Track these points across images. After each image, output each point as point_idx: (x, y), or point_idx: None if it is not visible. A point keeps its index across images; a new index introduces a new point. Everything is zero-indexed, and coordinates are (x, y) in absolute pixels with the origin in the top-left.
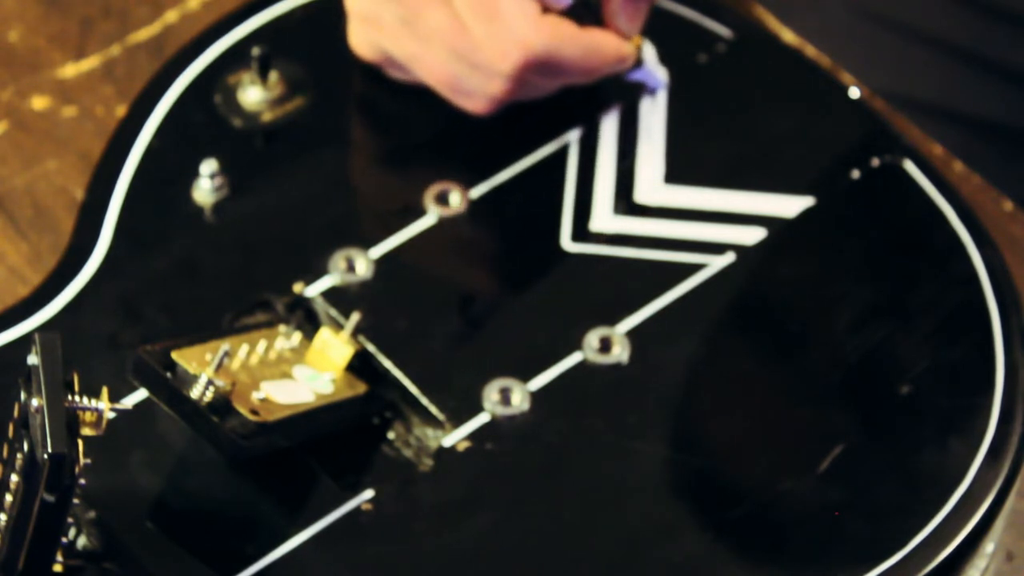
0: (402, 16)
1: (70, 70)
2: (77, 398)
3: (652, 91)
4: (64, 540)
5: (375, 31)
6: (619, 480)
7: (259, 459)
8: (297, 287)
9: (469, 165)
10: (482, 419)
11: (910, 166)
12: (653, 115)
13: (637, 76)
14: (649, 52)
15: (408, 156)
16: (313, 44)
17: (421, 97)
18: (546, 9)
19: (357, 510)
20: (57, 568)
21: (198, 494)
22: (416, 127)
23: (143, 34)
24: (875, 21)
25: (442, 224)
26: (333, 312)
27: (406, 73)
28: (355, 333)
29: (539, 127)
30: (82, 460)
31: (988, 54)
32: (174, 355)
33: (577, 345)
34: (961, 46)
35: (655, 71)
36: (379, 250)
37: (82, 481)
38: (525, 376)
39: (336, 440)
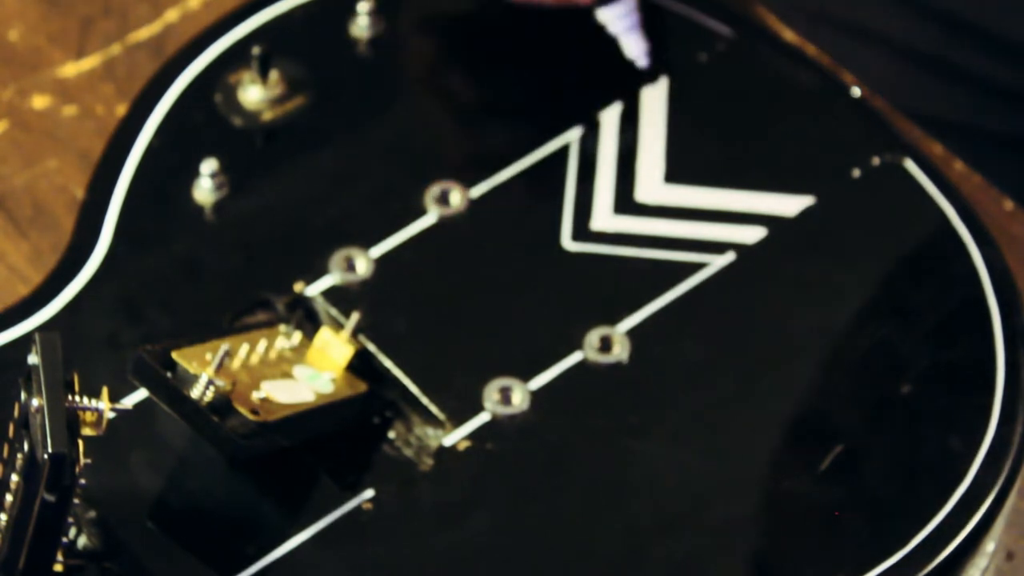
0: None
1: (70, 69)
2: (77, 398)
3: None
4: (64, 540)
5: None
6: (619, 480)
7: (259, 459)
8: (297, 287)
9: (469, 165)
10: (482, 419)
11: (910, 165)
12: (653, 114)
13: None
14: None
15: (408, 156)
16: (313, 44)
17: (422, 97)
18: None
19: (357, 510)
20: (57, 568)
21: (198, 494)
22: (416, 127)
23: (143, 33)
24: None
25: (442, 224)
26: (333, 312)
27: None
28: (355, 333)
29: (539, 127)
30: (82, 460)
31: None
32: (174, 355)
33: (577, 344)
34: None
35: (634, 19)
36: (379, 250)
37: (82, 481)
38: (525, 376)
39: (336, 440)
